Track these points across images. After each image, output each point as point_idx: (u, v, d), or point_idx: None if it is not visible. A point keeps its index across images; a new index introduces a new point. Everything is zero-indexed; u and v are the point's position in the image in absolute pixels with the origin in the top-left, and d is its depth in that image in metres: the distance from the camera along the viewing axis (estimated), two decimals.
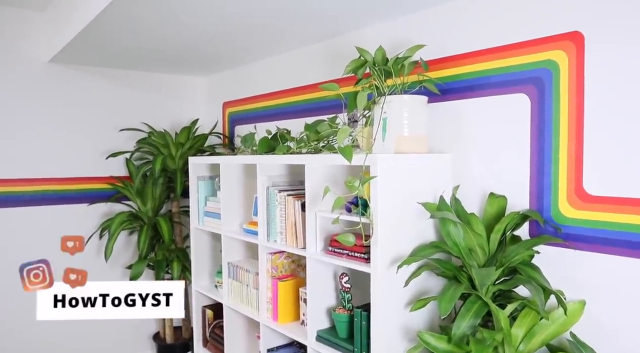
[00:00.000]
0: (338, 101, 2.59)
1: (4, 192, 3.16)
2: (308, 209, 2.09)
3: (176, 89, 3.84)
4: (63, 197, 3.37)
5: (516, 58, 1.86)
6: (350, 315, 2.01)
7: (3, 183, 3.16)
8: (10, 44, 3.14)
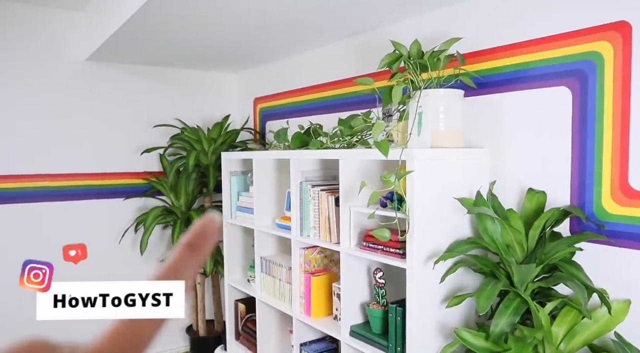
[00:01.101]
0: (371, 96, 2.57)
1: (45, 186, 3.26)
2: (342, 204, 2.08)
3: (208, 85, 3.88)
4: (100, 192, 3.46)
5: (557, 50, 1.81)
6: (384, 311, 2.00)
7: (44, 178, 3.25)
8: (49, 43, 3.23)
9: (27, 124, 3.18)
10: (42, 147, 3.24)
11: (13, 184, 3.15)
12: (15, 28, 3.11)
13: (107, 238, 3.48)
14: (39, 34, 3.19)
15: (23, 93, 3.16)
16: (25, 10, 3.12)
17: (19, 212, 3.18)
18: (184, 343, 3.82)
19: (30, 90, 3.18)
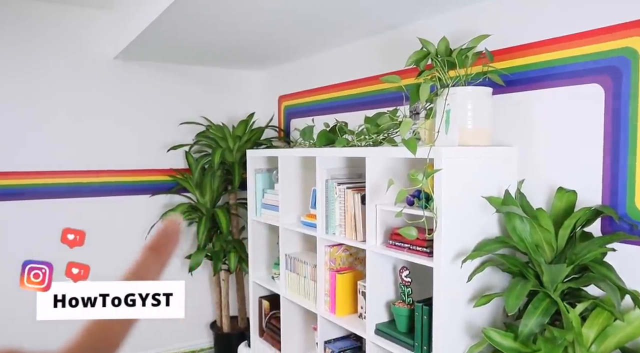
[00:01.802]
0: (396, 94, 2.56)
1: (74, 183, 3.33)
2: (368, 202, 2.08)
3: (233, 83, 3.91)
4: (127, 188, 3.52)
5: (589, 46, 1.78)
6: (410, 310, 2.00)
7: (73, 174, 3.33)
8: (78, 42, 3.30)
9: (56, 121, 3.25)
10: (71, 144, 3.31)
11: (43, 180, 3.23)
12: (44, 27, 3.18)
13: (134, 234, 3.54)
14: (68, 33, 3.26)
15: (53, 91, 3.23)
16: (55, 9, 3.20)
17: (48, 208, 3.26)
18: (208, 339, 3.87)
19: (59, 88, 3.25)
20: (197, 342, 3.86)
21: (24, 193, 3.18)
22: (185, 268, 3.68)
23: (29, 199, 3.20)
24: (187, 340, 3.81)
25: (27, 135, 3.17)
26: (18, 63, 3.12)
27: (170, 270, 2.19)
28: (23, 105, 3.15)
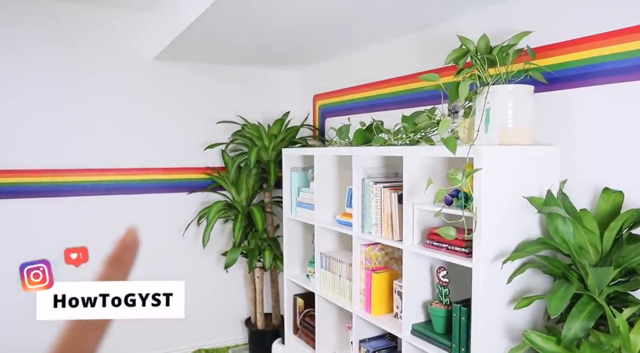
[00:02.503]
0: (434, 92, 2.53)
1: (115, 180, 3.43)
2: (405, 201, 2.07)
3: (269, 83, 3.95)
4: (165, 186, 3.60)
5: (636, 42, 1.71)
6: (448, 310, 1.97)
7: (113, 172, 3.42)
8: (119, 43, 3.39)
9: (97, 120, 3.35)
10: (111, 143, 3.41)
11: (83, 178, 3.34)
12: (87, 30, 3.28)
13: (171, 230, 3.62)
14: (111, 35, 3.35)
15: (95, 91, 3.33)
16: (97, 13, 3.29)
17: (89, 204, 3.37)
18: (243, 335, 3.92)
19: (101, 88, 3.35)
20: (232, 337, 3.91)
21: (66, 190, 3.29)
22: (220, 265, 3.74)
23: (69, 196, 3.30)
24: (222, 336, 3.87)
25: (71, 134, 3.28)
26: (63, 65, 3.22)
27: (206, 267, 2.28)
28: (67, 105, 3.26)
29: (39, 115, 3.18)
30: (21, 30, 3.10)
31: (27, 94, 3.14)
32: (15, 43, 3.09)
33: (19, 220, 3.16)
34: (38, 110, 3.18)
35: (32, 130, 3.17)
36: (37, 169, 3.20)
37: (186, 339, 3.73)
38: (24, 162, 3.17)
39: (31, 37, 3.13)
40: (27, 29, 3.12)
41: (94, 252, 3.65)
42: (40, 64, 3.17)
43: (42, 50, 3.17)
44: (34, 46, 3.14)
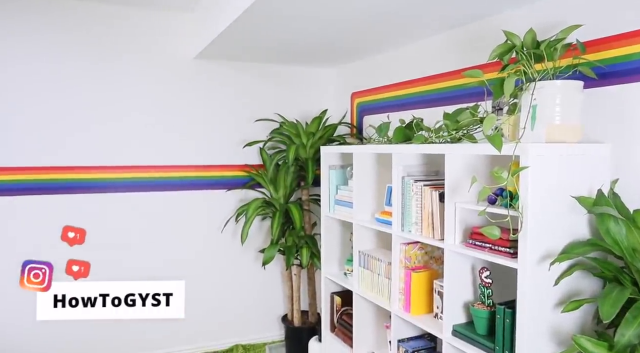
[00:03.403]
0: (474, 89, 2.48)
1: (156, 177, 3.51)
2: (447, 200, 2.03)
3: (307, 81, 3.96)
4: (204, 183, 3.66)
5: None
6: (491, 312, 1.93)
7: (155, 169, 3.50)
8: (161, 43, 3.46)
9: (139, 118, 3.44)
10: (152, 140, 3.49)
11: (124, 175, 3.43)
12: (129, 31, 3.37)
13: (210, 227, 3.68)
14: (152, 35, 3.43)
15: (136, 90, 3.42)
16: (139, 14, 3.38)
17: (129, 201, 3.46)
18: (279, 332, 3.95)
19: (142, 87, 3.44)
20: (269, 334, 3.94)
21: (106, 187, 3.39)
22: (258, 262, 3.78)
23: (111, 192, 3.40)
24: (258, 333, 3.91)
25: (113, 132, 3.37)
26: (104, 65, 3.32)
27: (244, 263, 2.31)
28: (109, 104, 3.35)
29: (82, 115, 3.28)
30: (66, 34, 3.21)
31: (70, 93, 3.25)
32: (59, 46, 3.21)
33: (63, 215, 3.26)
34: (81, 110, 3.28)
35: (75, 128, 3.27)
36: (83, 166, 3.31)
37: (223, 335, 3.78)
38: (71, 159, 3.28)
39: (75, 40, 3.24)
40: (72, 32, 3.23)
41: (132, 246, 3.69)
42: (84, 65, 3.27)
43: (86, 53, 3.27)
44: (78, 49, 3.25)
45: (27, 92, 3.14)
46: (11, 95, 3.11)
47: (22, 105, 3.14)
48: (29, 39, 3.13)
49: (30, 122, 3.16)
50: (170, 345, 3.61)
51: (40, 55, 3.16)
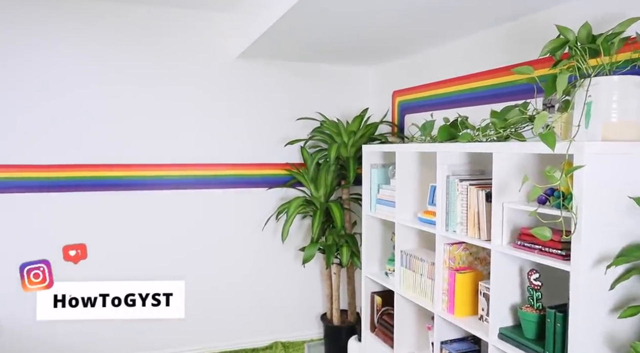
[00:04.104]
0: (523, 86, 2.41)
1: (199, 175, 3.58)
2: (494, 200, 1.98)
3: (347, 80, 3.95)
4: (246, 181, 3.70)
5: None
6: (540, 315, 1.87)
7: (198, 167, 3.57)
8: (204, 42, 3.52)
9: (182, 118, 3.51)
10: (194, 139, 3.56)
11: (167, 172, 3.51)
12: (173, 31, 3.45)
13: (251, 225, 3.72)
14: (195, 35, 3.50)
15: (178, 90, 3.49)
16: (183, 14, 3.45)
17: (172, 198, 3.54)
18: (318, 330, 3.95)
19: (186, 87, 3.51)
20: (308, 332, 3.95)
21: (150, 184, 3.48)
22: (298, 260, 3.80)
23: (154, 190, 3.49)
24: (297, 330, 3.92)
25: (157, 130, 3.46)
26: (149, 65, 3.41)
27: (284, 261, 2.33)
28: (154, 103, 3.43)
29: (127, 114, 3.38)
30: (113, 36, 3.31)
31: (118, 93, 3.35)
32: (107, 47, 3.31)
33: (110, 210, 3.37)
34: (127, 110, 3.38)
35: (124, 127, 3.37)
36: (130, 164, 3.40)
37: (262, 332, 3.81)
38: (118, 157, 3.38)
39: (121, 42, 3.34)
40: (119, 34, 3.33)
41: (172, 243, 3.72)
42: (130, 66, 3.37)
43: (131, 54, 3.37)
44: (124, 50, 3.35)
45: (77, 92, 3.26)
46: (65, 94, 3.23)
47: (73, 104, 3.25)
48: (79, 40, 3.24)
49: (86, 121, 3.28)
50: (213, 340, 3.67)
51: (88, 56, 3.27)
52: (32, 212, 3.17)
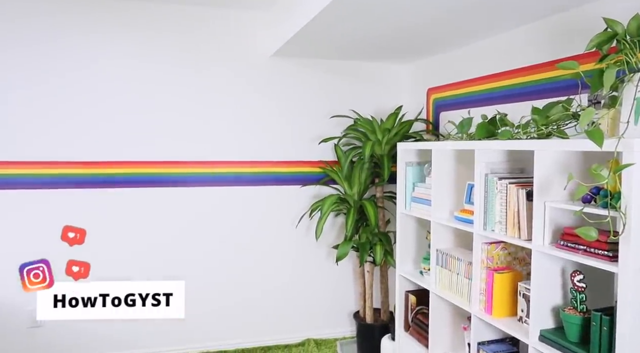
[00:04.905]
0: (565, 82, 2.34)
1: (232, 172, 3.61)
2: (536, 198, 1.93)
3: (381, 77, 3.92)
4: (280, 178, 3.72)
5: None
6: (584, 318, 1.81)
7: (231, 164, 3.60)
8: (239, 41, 3.55)
9: (215, 115, 3.55)
10: (228, 136, 3.59)
11: (201, 169, 3.55)
12: (207, 30, 3.48)
13: (285, 222, 3.74)
14: (229, 34, 3.53)
15: (213, 89, 3.53)
16: (217, 13, 3.48)
17: (206, 195, 3.58)
18: (350, 328, 3.94)
19: (219, 86, 3.54)
20: (340, 330, 3.95)
21: (183, 181, 3.52)
22: (331, 258, 3.79)
23: (188, 186, 3.53)
24: (330, 328, 3.92)
25: (191, 128, 3.50)
26: (184, 64, 3.45)
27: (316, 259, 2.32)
28: (188, 102, 3.48)
29: (162, 112, 3.43)
30: (149, 35, 3.37)
31: (152, 91, 3.41)
32: (140, 46, 3.37)
33: (141, 205, 3.46)
34: (162, 107, 3.43)
35: (158, 125, 3.43)
36: (165, 161, 3.46)
37: (295, 328, 3.83)
38: (154, 154, 3.44)
39: (156, 41, 3.39)
40: (154, 33, 3.38)
41: (205, 239, 3.73)
42: (165, 64, 3.41)
43: (166, 52, 3.41)
44: (160, 49, 3.40)
45: (113, 90, 3.33)
46: (101, 93, 3.31)
47: (110, 102, 3.33)
48: (115, 40, 3.31)
49: (121, 119, 3.35)
50: (246, 336, 3.71)
51: (123, 55, 3.34)
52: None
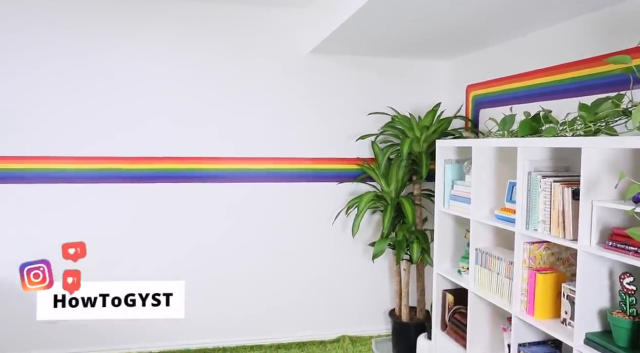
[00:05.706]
0: (615, 77, 2.27)
1: (270, 168, 3.65)
2: (582, 197, 1.88)
3: (419, 74, 3.88)
4: (317, 175, 3.73)
5: None
6: (634, 322, 1.75)
7: (269, 161, 3.64)
8: (277, 39, 3.58)
9: (254, 112, 3.59)
10: (266, 133, 3.63)
11: (239, 165, 3.60)
12: (245, 28, 3.52)
13: (321, 219, 3.75)
14: (269, 32, 3.56)
15: (252, 85, 3.57)
16: (255, 11, 3.52)
17: (243, 190, 3.63)
18: (386, 326, 3.93)
19: (258, 83, 3.58)
20: (375, 327, 3.94)
21: (221, 177, 3.58)
22: (367, 255, 3.79)
23: (225, 182, 3.59)
24: (365, 325, 3.92)
25: (230, 125, 3.56)
26: (223, 61, 3.50)
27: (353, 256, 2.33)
28: (227, 99, 3.54)
29: (201, 110, 3.50)
30: (185, 34, 3.43)
31: (192, 89, 3.48)
32: (179, 46, 3.43)
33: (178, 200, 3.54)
34: (201, 105, 3.50)
35: (197, 123, 3.50)
36: (203, 157, 3.53)
37: (330, 325, 3.84)
38: (193, 150, 3.51)
39: (193, 39, 3.45)
40: (193, 31, 3.44)
41: (241, 235, 3.75)
42: (204, 61, 3.47)
43: (206, 50, 3.47)
44: (196, 47, 3.46)
45: (149, 88, 3.41)
46: (139, 91, 3.40)
47: (151, 99, 3.41)
48: (153, 39, 3.39)
49: (160, 117, 3.43)
50: (285, 331, 3.75)
51: (161, 53, 3.41)
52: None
